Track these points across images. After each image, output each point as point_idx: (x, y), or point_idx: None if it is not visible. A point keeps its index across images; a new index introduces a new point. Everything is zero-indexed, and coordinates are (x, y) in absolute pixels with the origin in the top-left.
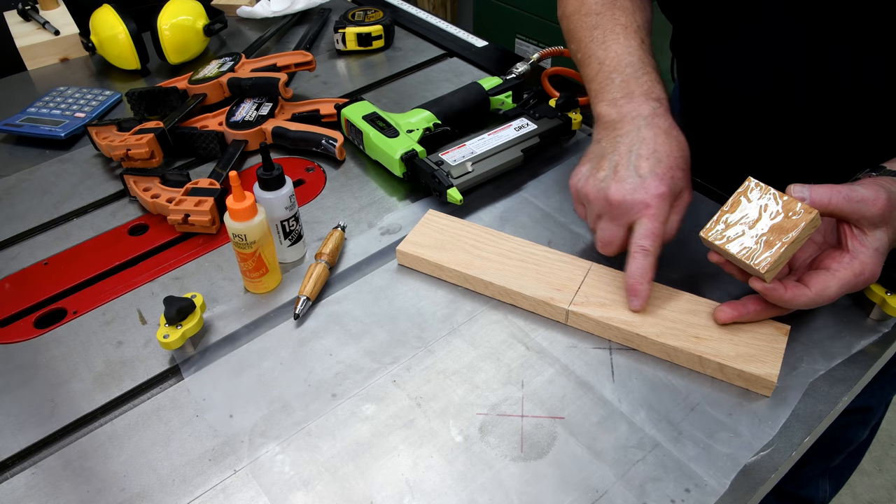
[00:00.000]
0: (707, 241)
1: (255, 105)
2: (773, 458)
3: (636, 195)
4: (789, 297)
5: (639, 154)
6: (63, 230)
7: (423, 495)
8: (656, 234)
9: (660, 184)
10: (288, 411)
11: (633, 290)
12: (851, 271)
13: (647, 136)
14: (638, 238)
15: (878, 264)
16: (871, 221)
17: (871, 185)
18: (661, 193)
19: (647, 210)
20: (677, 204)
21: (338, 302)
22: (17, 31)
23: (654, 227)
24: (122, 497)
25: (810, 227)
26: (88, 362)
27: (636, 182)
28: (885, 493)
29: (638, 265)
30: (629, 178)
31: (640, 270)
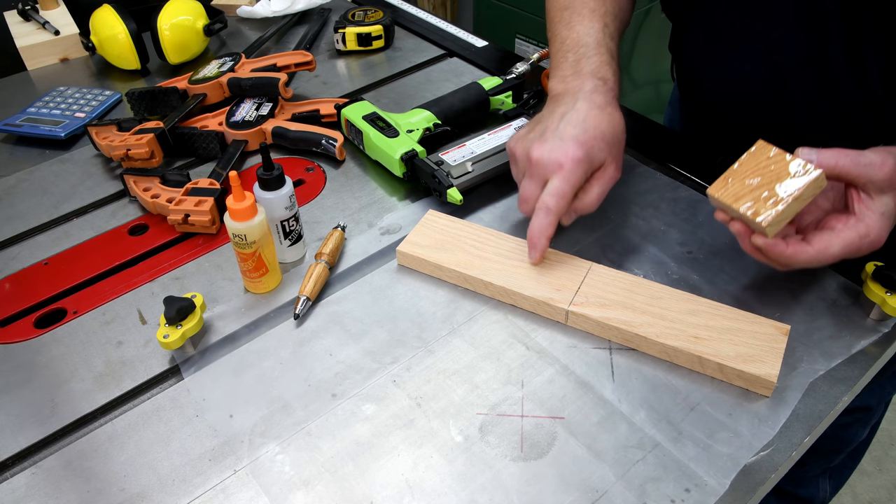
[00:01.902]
0: (713, 197)
1: (255, 105)
2: (773, 458)
3: (553, 154)
4: (790, 252)
5: (567, 121)
6: (63, 230)
7: (423, 495)
8: (561, 195)
9: (577, 148)
10: (288, 411)
11: (531, 243)
12: (856, 232)
13: (581, 108)
14: (544, 195)
15: (885, 229)
16: (877, 186)
17: (880, 150)
18: (576, 157)
19: (559, 170)
20: (599, 175)
21: (338, 302)
22: (17, 31)
23: (561, 186)
24: (122, 497)
25: (815, 187)
26: (88, 362)
27: (556, 144)
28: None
29: (538, 222)
30: (551, 140)
31: (539, 228)
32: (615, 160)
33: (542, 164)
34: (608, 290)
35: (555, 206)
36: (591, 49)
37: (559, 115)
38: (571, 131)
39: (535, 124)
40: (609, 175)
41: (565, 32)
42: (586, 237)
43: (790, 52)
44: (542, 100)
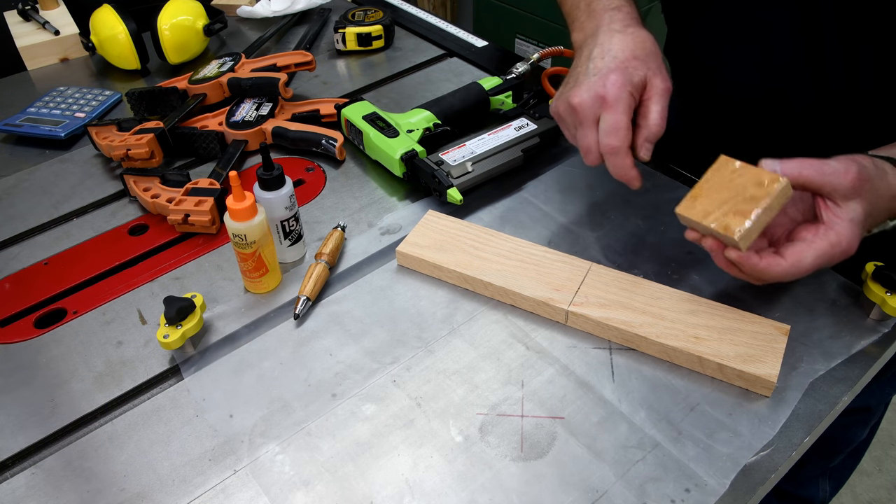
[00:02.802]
0: (683, 216)
1: (255, 105)
2: (773, 458)
3: (591, 92)
4: (764, 265)
5: (593, 58)
6: (63, 230)
7: (423, 495)
8: (617, 127)
9: (612, 76)
10: (288, 411)
11: (627, 181)
12: (827, 241)
13: (602, 40)
14: (601, 137)
15: (856, 235)
16: (843, 193)
17: (844, 159)
18: (615, 84)
19: (604, 103)
20: (650, 92)
21: (338, 302)
22: (17, 31)
23: (613, 119)
24: (122, 497)
25: (782, 196)
26: (88, 362)
27: (590, 82)
28: (885, 493)
29: (615, 165)
30: (584, 82)
31: (620, 168)
32: (657, 72)
33: (585, 107)
34: (608, 290)
35: (617, 141)
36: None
37: (585, 58)
38: (600, 64)
39: (568, 79)
40: (658, 88)
41: None
42: (586, 237)
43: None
44: (542, 100)
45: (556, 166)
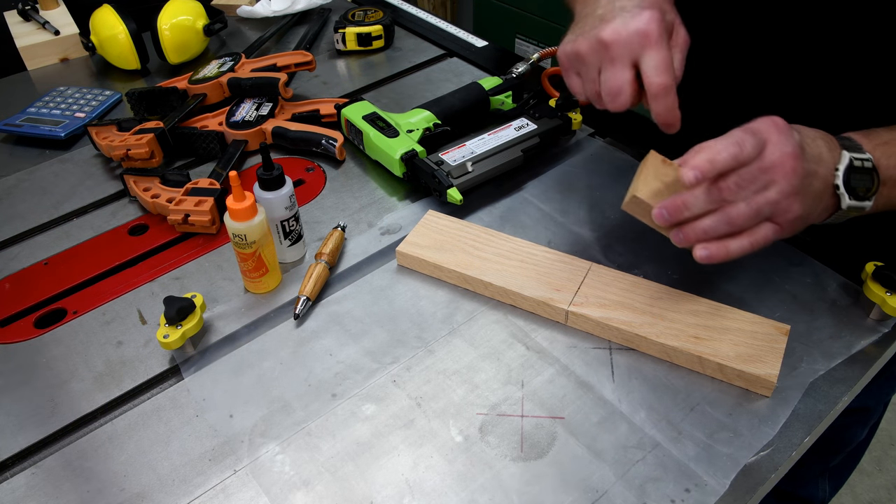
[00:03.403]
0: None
1: (255, 105)
2: (773, 458)
3: (630, 26)
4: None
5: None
6: (63, 230)
7: (423, 495)
8: (667, 65)
9: (651, 12)
10: (288, 411)
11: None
12: (731, 133)
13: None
14: (652, 76)
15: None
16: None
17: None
18: (657, 18)
19: (647, 40)
20: (675, 41)
21: (338, 302)
22: (17, 31)
23: (662, 55)
24: (122, 497)
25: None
26: (88, 362)
27: (626, 17)
28: (885, 493)
29: (665, 106)
30: (618, 17)
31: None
32: (680, 21)
33: (623, 41)
34: (608, 290)
35: (670, 79)
36: None
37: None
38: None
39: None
40: (682, 38)
41: None
42: (586, 237)
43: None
44: (542, 100)
45: (556, 166)
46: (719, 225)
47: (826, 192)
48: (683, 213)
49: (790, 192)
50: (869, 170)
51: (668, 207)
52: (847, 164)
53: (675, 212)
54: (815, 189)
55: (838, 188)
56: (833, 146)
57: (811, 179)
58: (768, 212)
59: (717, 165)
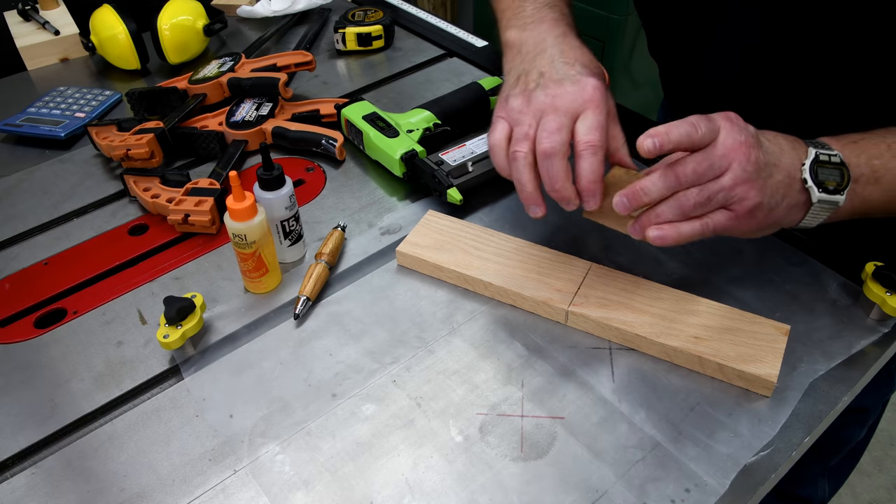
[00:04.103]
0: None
1: (255, 105)
2: (773, 458)
3: (575, 86)
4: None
5: (562, 62)
6: (63, 230)
7: (423, 495)
8: (602, 127)
9: (595, 79)
10: (288, 411)
11: (588, 192)
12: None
13: (565, 48)
14: (584, 135)
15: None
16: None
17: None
18: (597, 85)
19: (590, 104)
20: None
21: (338, 302)
22: (17, 31)
23: (599, 119)
24: (122, 497)
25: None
26: (88, 362)
27: (573, 76)
28: (885, 493)
29: (589, 165)
30: (564, 76)
31: (593, 170)
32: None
33: (568, 97)
34: (608, 290)
35: (599, 140)
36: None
37: (547, 59)
38: (575, 68)
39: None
40: (615, 111)
41: None
42: (586, 237)
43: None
44: None
45: None
46: (670, 210)
47: (792, 186)
48: (642, 198)
49: (744, 178)
50: (837, 164)
51: (627, 194)
52: (813, 158)
53: (633, 197)
54: (777, 180)
55: (806, 182)
56: (797, 144)
57: (770, 170)
58: (722, 198)
59: (672, 138)
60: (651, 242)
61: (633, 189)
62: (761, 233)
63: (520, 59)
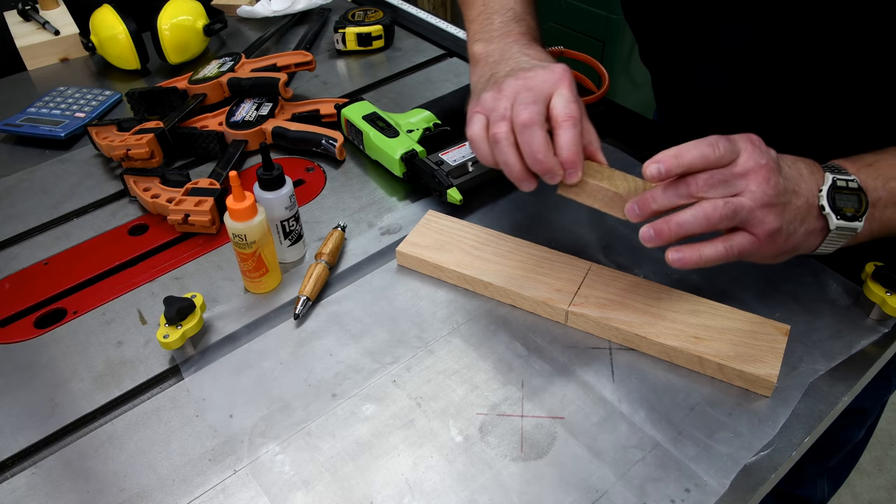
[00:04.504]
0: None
1: (255, 105)
2: (773, 458)
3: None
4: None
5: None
6: (63, 230)
7: (423, 495)
8: (578, 101)
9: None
10: (288, 411)
11: (570, 163)
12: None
13: (530, 53)
14: (561, 109)
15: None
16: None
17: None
18: (565, 69)
19: (562, 81)
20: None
21: (338, 302)
22: (17, 31)
23: (573, 94)
24: (122, 497)
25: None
26: (88, 362)
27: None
28: (885, 494)
29: (569, 135)
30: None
31: (573, 140)
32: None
33: (537, 85)
34: (608, 290)
35: (578, 112)
36: (519, 15)
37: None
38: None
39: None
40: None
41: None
42: (586, 237)
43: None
44: None
45: None
46: (696, 219)
47: (810, 212)
48: (651, 205)
49: (764, 201)
50: (855, 189)
51: (637, 202)
52: (830, 184)
53: (643, 204)
54: (796, 206)
55: (824, 209)
56: (815, 169)
57: (790, 196)
58: (744, 217)
59: (683, 161)
60: (669, 264)
61: (643, 197)
62: (779, 259)
63: (487, 68)
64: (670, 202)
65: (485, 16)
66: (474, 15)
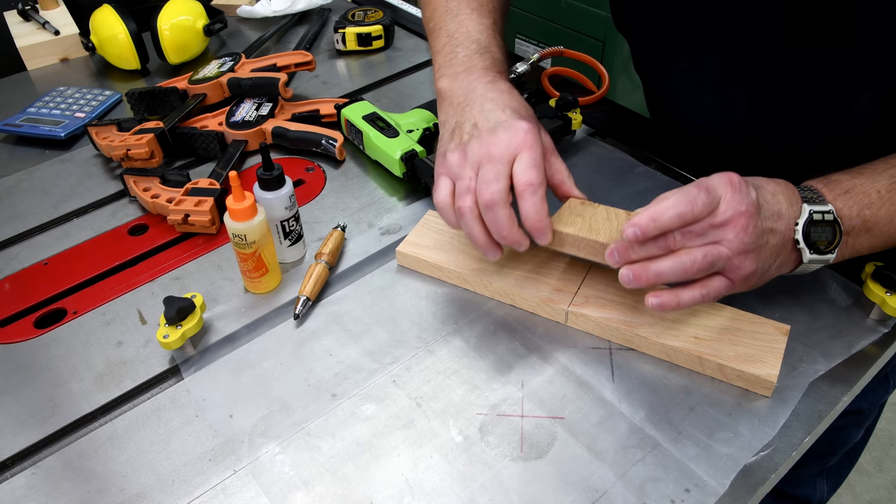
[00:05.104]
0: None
1: (255, 105)
2: (773, 458)
3: (507, 132)
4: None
5: (491, 109)
6: (63, 230)
7: (423, 495)
8: (537, 165)
9: (524, 122)
10: (288, 411)
11: (536, 230)
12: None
13: (493, 96)
14: (521, 176)
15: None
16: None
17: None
18: (529, 128)
19: (523, 146)
20: (547, 147)
21: (338, 302)
22: (17, 31)
23: (533, 157)
24: (122, 497)
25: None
26: (88, 362)
27: (504, 123)
28: (885, 494)
29: (530, 203)
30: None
31: (535, 208)
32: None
33: (502, 143)
34: (608, 290)
35: (537, 178)
36: (483, 47)
37: (477, 109)
38: (505, 114)
39: (457, 129)
40: (552, 144)
41: (453, 26)
42: None
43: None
44: (541, 100)
45: None
46: (672, 272)
47: (784, 247)
48: (631, 255)
49: (741, 249)
50: (830, 222)
51: (618, 250)
52: (807, 219)
53: (623, 254)
54: (772, 245)
55: (798, 243)
56: (794, 199)
57: (768, 236)
58: (721, 265)
59: (661, 224)
60: (648, 307)
61: (624, 248)
62: (751, 289)
63: (452, 111)
64: (649, 254)
65: (449, 48)
66: (439, 46)
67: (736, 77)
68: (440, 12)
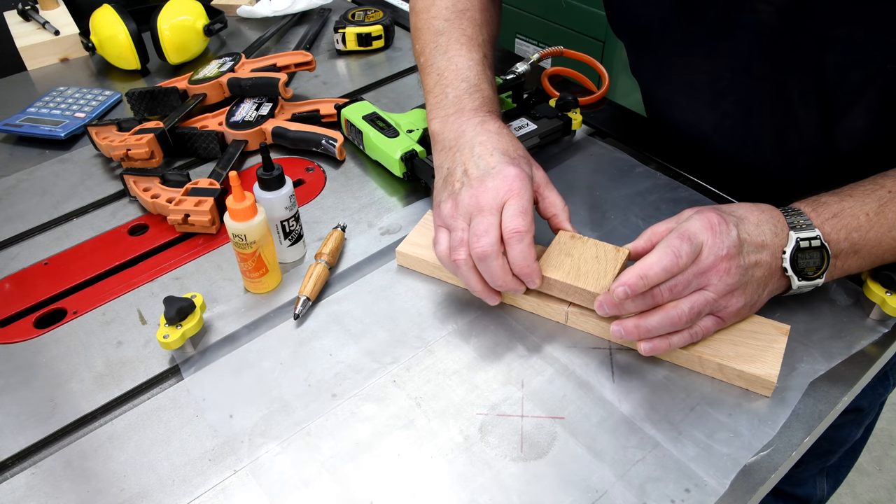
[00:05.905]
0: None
1: (255, 105)
2: (773, 458)
3: (495, 180)
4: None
5: (480, 155)
6: (63, 230)
7: (423, 495)
8: (524, 212)
9: (512, 167)
10: (288, 411)
11: (525, 275)
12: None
13: (482, 139)
14: (508, 224)
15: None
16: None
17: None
18: (517, 174)
19: (510, 194)
20: (540, 182)
21: (338, 302)
22: (17, 31)
23: (521, 205)
24: (122, 497)
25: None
26: (88, 362)
27: (493, 171)
28: (885, 494)
29: (516, 251)
30: (485, 171)
31: (522, 255)
32: (536, 165)
33: (490, 193)
34: None
35: (523, 225)
36: (473, 85)
37: (467, 154)
38: (494, 160)
39: (449, 176)
40: (546, 178)
41: (443, 63)
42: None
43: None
44: (541, 100)
45: (557, 166)
46: (662, 327)
47: (772, 276)
48: (620, 310)
49: (726, 291)
50: (818, 248)
51: (607, 304)
52: (794, 247)
53: (612, 308)
54: (758, 277)
55: (787, 271)
56: (780, 227)
57: (752, 270)
58: (708, 309)
59: (649, 281)
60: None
61: (613, 303)
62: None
63: (444, 156)
64: (638, 309)
65: (440, 87)
66: (430, 85)
67: (729, 92)
68: (430, 48)
